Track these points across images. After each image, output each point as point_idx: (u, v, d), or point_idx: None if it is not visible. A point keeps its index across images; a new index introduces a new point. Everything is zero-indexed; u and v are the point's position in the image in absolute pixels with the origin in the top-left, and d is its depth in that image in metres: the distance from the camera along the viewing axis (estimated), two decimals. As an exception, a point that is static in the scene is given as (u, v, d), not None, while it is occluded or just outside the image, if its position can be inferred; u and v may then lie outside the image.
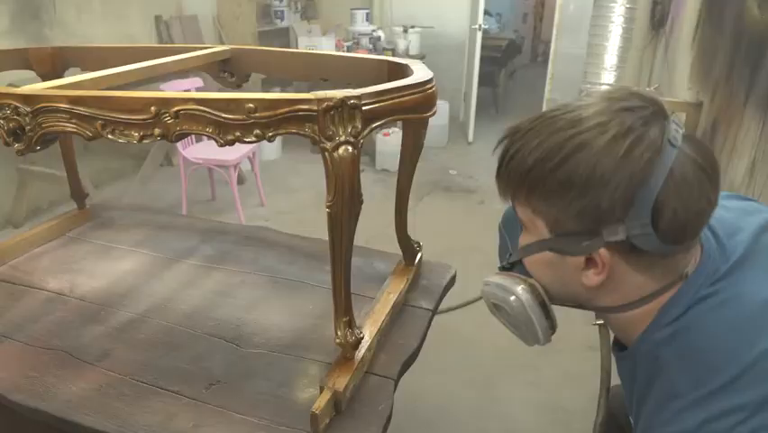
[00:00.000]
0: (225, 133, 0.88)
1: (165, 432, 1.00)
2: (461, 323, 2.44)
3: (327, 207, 0.92)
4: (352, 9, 5.48)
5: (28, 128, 0.95)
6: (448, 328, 1.32)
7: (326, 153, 0.87)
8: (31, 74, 1.50)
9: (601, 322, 0.92)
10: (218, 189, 4.09)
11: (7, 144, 0.98)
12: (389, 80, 1.13)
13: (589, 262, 0.71)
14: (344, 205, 0.91)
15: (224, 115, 0.86)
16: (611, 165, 0.64)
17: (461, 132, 5.72)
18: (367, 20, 5.45)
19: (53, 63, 1.54)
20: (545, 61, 10.06)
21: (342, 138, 0.87)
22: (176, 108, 0.87)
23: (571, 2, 5.58)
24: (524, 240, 0.80)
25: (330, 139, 0.86)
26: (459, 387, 2.28)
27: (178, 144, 3.51)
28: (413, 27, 5.36)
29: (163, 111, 0.87)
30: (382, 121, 0.93)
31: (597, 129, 0.66)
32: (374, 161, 4.93)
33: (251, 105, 0.85)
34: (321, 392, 1.02)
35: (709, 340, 0.67)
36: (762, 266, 0.73)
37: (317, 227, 1.78)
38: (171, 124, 0.88)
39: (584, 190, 0.66)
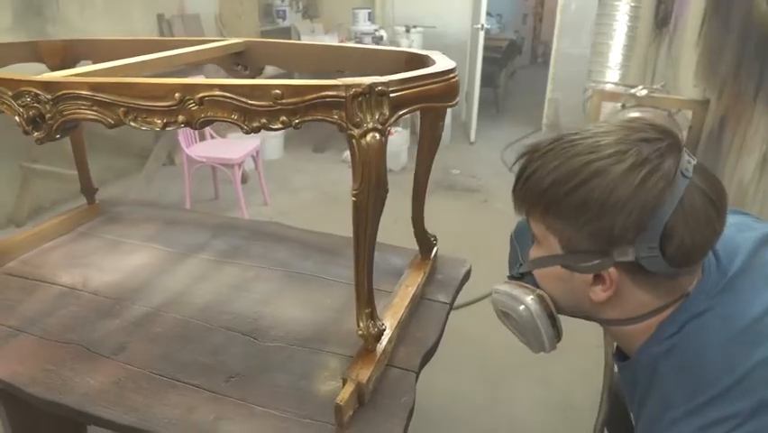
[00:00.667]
0: (251, 120, 0.86)
1: (186, 425, 0.99)
2: (469, 321, 2.44)
3: (353, 195, 0.91)
4: (354, 8, 5.47)
5: (48, 116, 0.94)
6: (456, 326, 1.31)
7: (354, 140, 0.86)
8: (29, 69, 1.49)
9: None
10: (221, 188, 4.08)
11: (26, 133, 0.97)
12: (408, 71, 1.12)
13: (598, 279, 0.74)
14: (371, 193, 0.90)
15: (249, 102, 0.85)
16: (626, 193, 0.68)
17: (463, 131, 5.71)
18: (369, 19, 5.44)
19: (64, 56, 1.52)
20: (545, 62, 10.10)
21: (370, 125, 0.86)
22: (201, 94, 0.86)
23: (572, 2, 5.57)
24: (535, 253, 0.83)
25: (357, 126, 0.85)
26: (467, 385, 2.27)
27: (182, 142, 3.49)
28: (415, 27, 5.35)
29: (188, 97, 0.86)
30: (408, 108, 0.92)
31: (615, 157, 0.69)
32: (377, 160, 4.91)
33: (277, 91, 0.84)
34: (344, 384, 1.00)
35: (704, 354, 0.70)
36: (757, 281, 0.76)
37: (321, 226, 1.78)
38: (196, 110, 0.87)
39: (599, 214, 0.69)
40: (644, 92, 2.89)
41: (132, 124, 0.90)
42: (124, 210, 1.85)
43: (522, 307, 0.83)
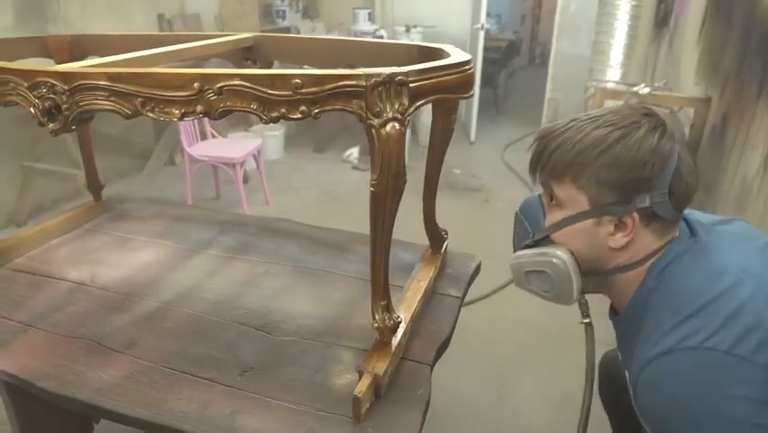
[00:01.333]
0: (270, 109, 0.86)
1: (203, 419, 0.98)
2: (473, 319, 2.43)
3: (372, 185, 0.90)
4: (354, 8, 5.47)
5: (64, 107, 0.93)
6: (460, 323, 1.32)
7: (373, 130, 0.86)
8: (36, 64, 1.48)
9: (588, 321, 1.07)
10: (222, 188, 4.06)
11: (41, 124, 0.96)
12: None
13: (619, 228, 0.89)
14: (389, 183, 0.90)
15: (269, 91, 0.84)
16: (648, 150, 0.86)
17: (464, 131, 5.72)
18: (369, 19, 5.44)
19: (72, 51, 1.52)
20: (543, 63, 10.10)
21: (390, 115, 0.85)
22: (220, 84, 0.85)
23: (571, 3, 5.58)
24: (557, 216, 0.95)
25: (378, 116, 0.85)
26: (473, 383, 2.26)
27: (184, 141, 3.48)
28: (415, 27, 5.35)
29: (206, 87, 0.86)
30: (426, 99, 0.92)
31: (633, 125, 0.88)
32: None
33: (297, 80, 0.83)
34: (360, 377, 1.00)
35: (685, 281, 0.88)
36: (726, 238, 0.94)
37: (324, 225, 1.77)
38: (215, 100, 0.86)
39: (627, 169, 0.86)
40: (647, 90, 2.90)
41: (149, 114, 0.89)
42: (131, 207, 1.84)
43: (555, 259, 0.93)
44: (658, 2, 3.99)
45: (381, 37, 5.13)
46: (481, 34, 5.14)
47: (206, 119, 1.81)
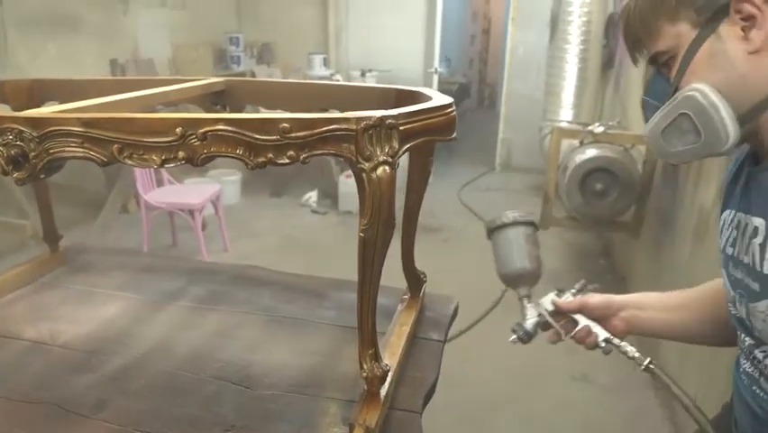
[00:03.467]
0: (257, 155, 0.83)
1: (183, 485, 0.91)
2: (446, 359, 2.40)
3: (361, 231, 0.88)
4: (309, 54, 5.54)
5: (32, 154, 0.88)
6: None
7: (364, 174, 0.84)
8: None
9: (649, 362, 0.99)
10: (179, 235, 3.95)
11: (5, 173, 0.91)
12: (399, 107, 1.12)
13: (747, 27, 0.75)
14: (380, 228, 0.87)
15: (255, 136, 0.82)
16: None
17: (421, 172, 5.78)
18: (324, 64, 5.51)
19: (31, 96, 1.46)
20: (491, 104, 10.38)
21: (381, 158, 0.84)
22: (204, 129, 0.82)
23: (519, 45, 5.81)
24: (674, 66, 0.83)
25: (368, 159, 0.83)
26: (449, 426, 2.22)
27: (140, 188, 3.39)
28: (370, 71, 5.45)
29: (189, 132, 0.82)
30: (414, 141, 0.91)
31: None
32: (336, 203, 4.90)
33: (285, 124, 0.81)
34: (351, 430, 0.95)
35: None
36: None
37: (286, 271, 1.71)
38: (198, 146, 0.83)
39: None
40: (601, 129, 3.00)
41: (127, 161, 0.85)
42: (90, 258, 1.75)
43: (690, 91, 0.80)
44: (602, 45, 4.19)
45: (338, 81, 5.20)
46: (435, 78, 5.27)
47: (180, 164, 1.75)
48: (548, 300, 1.15)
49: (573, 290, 1.15)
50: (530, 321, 1.13)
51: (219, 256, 3.80)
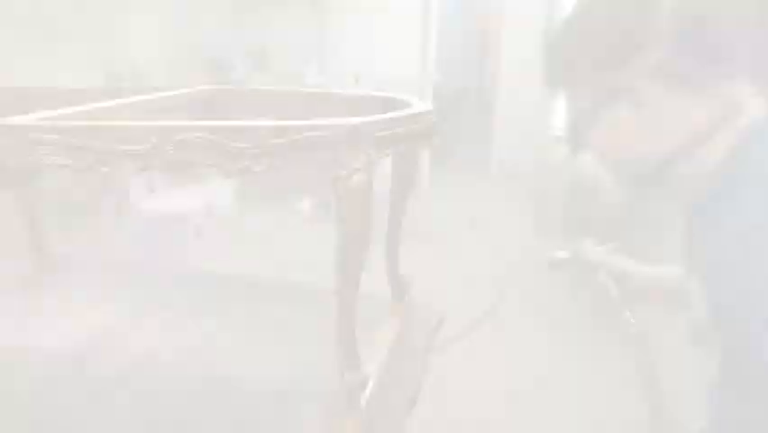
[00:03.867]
0: (233, 162, 0.83)
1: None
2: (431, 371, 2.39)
3: (338, 238, 0.88)
4: (303, 61, 5.55)
5: (9, 162, 0.88)
6: None
7: (340, 181, 0.84)
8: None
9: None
10: (170, 242, 3.94)
11: (-18, 181, 0.90)
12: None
13: None
14: (357, 234, 0.87)
15: (232, 144, 0.82)
16: None
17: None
18: (319, 71, 5.52)
19: (14, 103, 1.45)
20: (489, 108, 10.31)
21: (357, 165, 0.84)
22: (180, 137, 0.82)
23: (518, 48, 5.84)
24: None
25: (344, 167, 0.83)
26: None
27: (132, 196, 3.38)
28: (364, 77, 5.46)
29: (166, 140, 0.82)
30: (392, 148, 0.91)
31: None
32: (330, 210, 4.90)
33: (262, 132, 0.81)
34: (331, 440, 0.95)
35: None
36: None
37: (279, 277, 1.70)
38: (174, 153, 0.83)
39: None
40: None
41: (103, 169, 0.85)
42: (78, 265, 1.74)
43: None
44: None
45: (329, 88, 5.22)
46: (430, 82, 5.29)
47: (156, 172, 1.75)
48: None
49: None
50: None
51: (212, 263, 3.78)
